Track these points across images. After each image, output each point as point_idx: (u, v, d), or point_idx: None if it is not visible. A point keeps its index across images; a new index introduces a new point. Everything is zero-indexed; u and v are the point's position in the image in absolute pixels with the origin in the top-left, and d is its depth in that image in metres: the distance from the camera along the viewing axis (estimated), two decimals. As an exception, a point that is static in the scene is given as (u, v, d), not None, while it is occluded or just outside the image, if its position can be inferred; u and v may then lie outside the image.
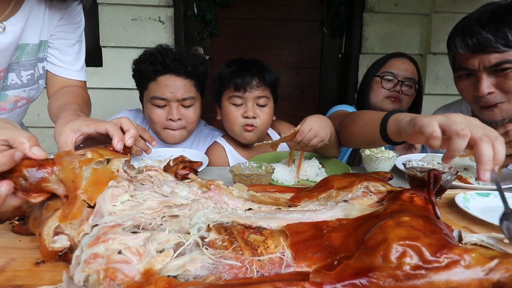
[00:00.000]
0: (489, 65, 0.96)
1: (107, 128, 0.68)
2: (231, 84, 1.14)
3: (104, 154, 0.58)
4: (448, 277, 0.37)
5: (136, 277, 0.39)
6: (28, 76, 0.93)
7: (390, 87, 1.35)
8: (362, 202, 0.58)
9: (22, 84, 0.94)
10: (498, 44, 0.93)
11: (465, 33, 0.98)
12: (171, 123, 1.17)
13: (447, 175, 0.74)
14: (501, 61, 0.95)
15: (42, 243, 0.46)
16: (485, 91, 0.98)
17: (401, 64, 1.38)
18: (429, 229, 0.43)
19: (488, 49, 0.95)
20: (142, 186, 0.58)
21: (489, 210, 0.69)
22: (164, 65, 1.13)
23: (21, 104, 0.97)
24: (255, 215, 0.54)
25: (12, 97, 0.93)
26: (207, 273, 0.42)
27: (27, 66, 0.92)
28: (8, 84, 0.91)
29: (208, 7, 2.14)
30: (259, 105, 1.17)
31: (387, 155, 0.98)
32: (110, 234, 0.43)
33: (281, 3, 2.26)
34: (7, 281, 0.45)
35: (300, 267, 0.44)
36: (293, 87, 2.37)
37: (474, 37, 0.96)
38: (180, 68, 1.15)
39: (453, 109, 1.29)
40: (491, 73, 0.98)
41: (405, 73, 1.36)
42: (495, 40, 0.93)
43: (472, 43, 0.96)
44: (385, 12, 2.19)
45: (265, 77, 1.16)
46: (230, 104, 1.17)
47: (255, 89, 1.14)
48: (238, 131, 1.18)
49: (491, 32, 0.93)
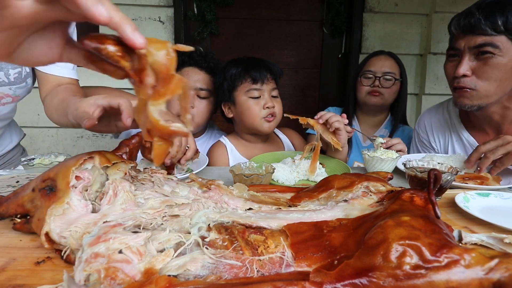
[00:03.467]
0: (474, 45, 0.99)
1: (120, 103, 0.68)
2: (248, 78, 1.19)
3: (111, 159, 0.59)
4: (448, 276, 0.38)
5: (136, 276, 0.40)
6: (15, 75, 0.94)
7: (369, 83, 1.48)
8: (362, 202, 0.58)
9: (9, 82, 0.94)
10: (487, 27, 0.96)
11: (461, 14, 1.02)
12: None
13: (447, 175, 0.74)
14: (486, 42, 0.97)
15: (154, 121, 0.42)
16: (461, 71, 1.01)
17: (379, 61, 1.49)
18: (429, 228, 0.43)
19: (477, 30, 0.98)
20: (143, 185, 0.58)
21: (489, 210, 0.70)
22: (190, 58, 1.27)
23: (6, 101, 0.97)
24: (256, 215, 0.54)
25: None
26: (208, 272, 0.42)
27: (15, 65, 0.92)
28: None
29: (208, 7, 2.15)
30: (273, 96, 1.23)
31: (392, 155, 0.98)
32: (111, 233, 0.43)
33: (281, 3, 2.26)
34: (8, 280, 0.45)
35: (300, 267, 0.44)
36: (293, 87, 2.38)
37: (466, 18, 0.99)
38: (203, 63, 1.27)
39: (440, 110, 1.30)
40: (474, 55, 1.01)
41: (383, 69, 1.47)
42: (485, 22, 0.96)
43: (464, 23, 1.00)
44: (385, 12, 2.20)
45: (275, 71, 1.24)
46: (248, 98, 1.20)
47: (270, 81, 1.21)
48: (259, 123, 1.21)
49: (483, 14, 0.97)
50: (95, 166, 0.57)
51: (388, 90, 1.47)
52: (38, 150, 2.15)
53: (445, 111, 1.28)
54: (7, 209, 0.57)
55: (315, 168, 0.98)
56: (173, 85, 0.42)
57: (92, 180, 0.56)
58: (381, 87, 1.46)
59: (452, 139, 1.23)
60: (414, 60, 2.27)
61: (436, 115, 1.30)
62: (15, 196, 0.58)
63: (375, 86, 1.47)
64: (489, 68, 0.99)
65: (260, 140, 1.31)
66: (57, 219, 0.49)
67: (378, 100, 1.49)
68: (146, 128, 0.45)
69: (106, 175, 0.58)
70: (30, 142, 2.12)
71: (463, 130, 1.20)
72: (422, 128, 1.33)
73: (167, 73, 0.42)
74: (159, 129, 0.43)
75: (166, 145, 0.46)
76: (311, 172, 0.97)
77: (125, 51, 0.40)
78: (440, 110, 1.31)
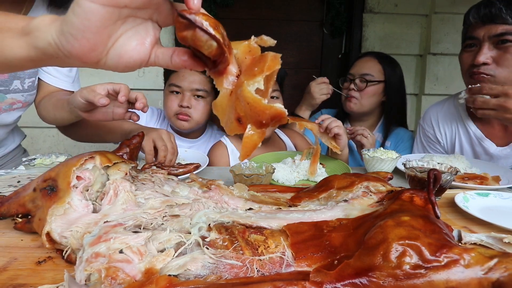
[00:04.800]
0: (494, 33, 1.01)
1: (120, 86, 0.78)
2: None
3: (112, 159, 0.59)
4: (447, 276, 0.38)
5: (137, 276, 0.40)
6: (29, 83, 0.98)
7: (346, 87, 1.45)
8: (362, 202, 0.58)
9: (23, 90, 0.98)
10: (508, 16, 0.98)
11: (480, 4, 1.04)
12: (181, 109, 1.26)
13: (447, 175, 0.74)
14: (507, 31, 0.99)
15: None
16: (482, 59, 1.03)
17: (360, 63, 1.44)
18: (429, 228, 0.43)
19: (498, 20, 1.00)
20: (143, 185, 0.58)
21: (489, 210, 0.70)
22: None
23: (16, 107, 1.01)
24: (256, 215, 0.55)
25: (10, 99, 0.97)
26: (208, 272, 0.42)
27: (31, 74, 0.97)
28: (10, 89, 0.95)
29: (208, 7, 2.15)
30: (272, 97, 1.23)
31: (392, 156, 0.98)
32: (112, 233, 0.44)
33: (281, 3, 2.26)
34: (9, 280, 0.46)
35: (300, 267, 0.44)
36: (293, 87, 2.38)
37: (487, 7, 1.02)
38: None
39: (447, 104, 1.30)
40: (493, 44, 1.02)
41: (361, 70, 1.41)
42: (506, 11, 0.98)
43: (484, 12, 1.02)
44: (385, 13, 2.20)
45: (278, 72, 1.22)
46: None
47: None
48: None
49: (504, 3, 0.99)
50: (96, 166, 0.57)
51: (364, 93, 1.40)
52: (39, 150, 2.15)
53: (451, 105, 1.28)
54: (8, 209, 0.57)
55: (315, 170, 0.98)
56: (269, 62, 0.41)
57: (93, 180, 0.56)
58: (356, 90, 1.41)
59: (459, 132, 1.23)
60: (414, 60, 2.27)
61: (443, 108, 1.30)
62: (16, 196, 0.58)
63: (350, 90, 1.42)
64: (510, 56, 1.00)
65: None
66: (58, 219, 0.49)
67: (352, 106, 1.43)
68: (235, 117, 0.42)
69: (107, 175, 0.58)
70: (31, 142, 2.12)
71: (470, 123, 1.20)
72: (428, 123, 1.33)
73: (256, 55, 0.42)
74: (261, 109, 0.39)
75: (259, 135, 0.42)
76: (311, 174, 0.97)
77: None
78: (446, 103, 1.31)
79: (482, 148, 1.17)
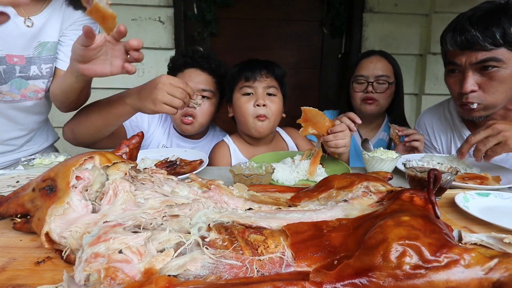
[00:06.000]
0: (475, 61, 0.98)
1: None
2: (242, 77, 1.20)
3: (111, 159, 0.59)
4: (447, 276, 0.38)
5: (136, 276, 0.40)
6: (47, 69, 1.03)
7: (362, 89, 1.42)
8: (362, 202, 0.58)
9: (42, 76, 1.03)
10: (486, 42, 0.95)
11: (455, 30, 1.01)
12: (187, 109, 1.26)
13: (447, 175, 0.74)
14: (487, 58, 0.97)
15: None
16: (469, 88, 1.01)
17: (370, 63, 1.43)
18: (429, 228, 0.43)
19: (476, 46, 0.97)
20: (143, 185, 0.58)
21: (488, 210, 0.70)
22: (192, 59, 1.30)
23: (41, 95, 1.06)
24: (255, 215, 0.54)
25: (32, 86, 1.03)
26: (208, 272, 0.42)
27: (47, 60, 1.02)
28: (30, 75, 1.01)
29: (208, 7, 2.15)
30: (268, 94, 1.21)
31: (392, 156, 0.98)
32: (111, 233, 0.43)
33: (281, 3, 2.26)
34: (8, 280, 0.46)
35: (300, 267, 0.44)
36: (293, 87, 2.38)
37: (463, 35, 0.98)
38: (205, 64, 1.30)
39: (441, 111, 1.30)
40: (477, 70, 1.00)
41: (375, 72, 1.41)
42: (483, 38, 0.95)
43: (460, 40, 0.99)
44: (385, 12, 2.20)
45: (274, 70, 1.23)
46: (241, 95, 1.20)
47: (264, 78, 1.20)
48: (252, 122, 1.19)
49: (479, 30, 0.96)
50: (95, 166, 0.57)
51: (383, 94, 1.41)
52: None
53: (445, 111, 1.28)
54: (7, 209, 0.57)
55: (315, 171, 0.98)
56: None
57: (92, 180, 0.56)
58: (374, 93, 1.40)
59: (455, 138, 1.23)
60: (414, 60, 2.27)
61: (436, 115, 1.30)
62: (15, 196, 0.58)
63: (368, 92, 1.41)
64: (496, 82, 0.99)
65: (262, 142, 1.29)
66: (57, 219, 0.49)
67: (373, 108, 1.43)
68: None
69: (106, 175, 0.58)
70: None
71: (464, 129, 1.20)
72: (423, 129, 1.33)
73: None
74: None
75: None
76: (310, 175, 0.97)
77: None
78: (440, 109, 1.30)
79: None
